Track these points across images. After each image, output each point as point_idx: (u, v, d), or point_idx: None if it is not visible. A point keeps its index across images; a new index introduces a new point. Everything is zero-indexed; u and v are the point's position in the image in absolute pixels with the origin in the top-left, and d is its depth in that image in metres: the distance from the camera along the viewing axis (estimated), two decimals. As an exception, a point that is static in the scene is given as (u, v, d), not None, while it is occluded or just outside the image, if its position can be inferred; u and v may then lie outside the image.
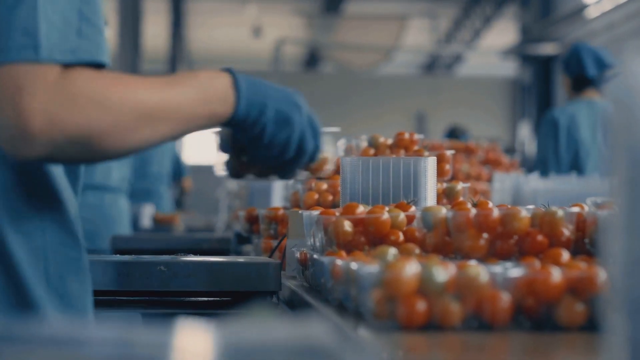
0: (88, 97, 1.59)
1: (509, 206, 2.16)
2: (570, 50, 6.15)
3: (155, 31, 15.93)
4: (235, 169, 1.92)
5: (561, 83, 6.29)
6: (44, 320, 1.71)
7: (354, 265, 1.78)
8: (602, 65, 5.96)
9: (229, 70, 1.79)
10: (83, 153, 1.63)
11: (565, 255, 1.88)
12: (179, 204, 9.24)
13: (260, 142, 1.82)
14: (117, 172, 6.00)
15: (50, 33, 1.61)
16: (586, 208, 2.10)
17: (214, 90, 1.75)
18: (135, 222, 7.35)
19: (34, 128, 1.56)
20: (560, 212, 2.02)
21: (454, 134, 12.43)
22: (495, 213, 2.01)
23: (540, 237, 2.00)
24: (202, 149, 18.26)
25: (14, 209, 1.70)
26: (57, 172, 1.77)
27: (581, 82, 6.03)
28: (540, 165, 5.96)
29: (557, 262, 1.83)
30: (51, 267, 1.74)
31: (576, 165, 5.90)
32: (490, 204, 2.12)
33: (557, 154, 5.97)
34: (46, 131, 1.56)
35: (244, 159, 1.89)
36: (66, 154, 1.63)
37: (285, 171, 1.90)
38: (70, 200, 1.79)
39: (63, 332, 0.99)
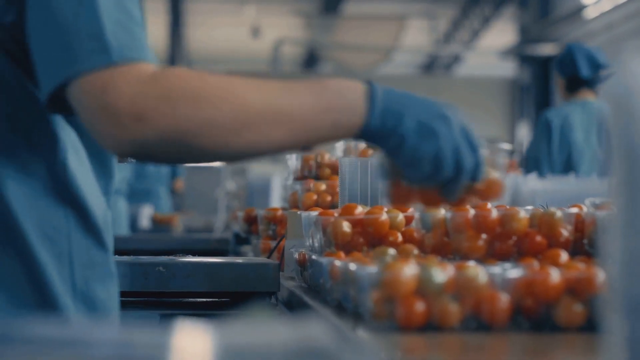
0: (181, 93, 1.53)
1: (508, 207, 2.16)
2: (564, 50, 6.16)
3: (154, 31, 15.93)
4: (396, 196, 1.76)
5: (555, 84, 6.29)
6: (41, 320, 1.71)
7: (352, 266, 1.78)
8: (596, 65, 5.96)
9: (368, 82, 1.66)
10: (179, 152, 1.56)
11: (564, 255, 1.88)
12: (177, 204, 9.24)
13: (403, 156, 1.66)
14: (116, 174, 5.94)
15: (117, 32, 1.57)
16: (585, 209, 2.10)
17: (340, 99, 1.62)
18: (133, 223, 7.34)
19: (125, 128, 1.51)
20: (558, 213, 2.02)
21: None
22: (494, 214, 2.01)
23: (539, 238, 2.01)
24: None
25: (40, 214, 1.70)
26: (85, 177, 1.76)
27: (575, 83, 6.03)
28: (532, 165, 5.96)
29: (555, 263, 1.83)
30: (76, 272, 1.73)
31: (569, 167, 5.90)
32: (489, 205, 2.12)
33: (550, 156, 5.97)
34: (137, 129, 1.51)
35: (403, 184, 1.72)
36: (161, 152, 1.57)
37: (447, 193, 1.70)
38: (97, 206, 1.77)
39: (62, 333, 0.99)
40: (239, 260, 2.66)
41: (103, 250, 1.78)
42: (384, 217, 2.17)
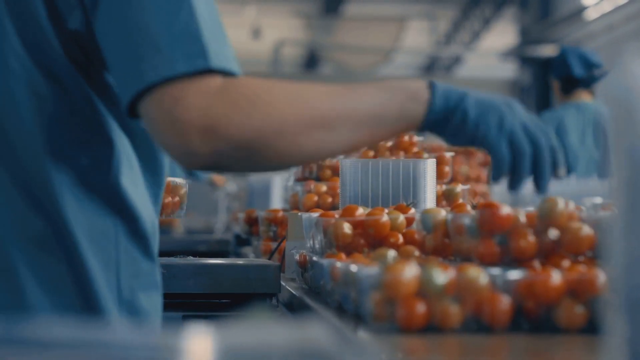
0: (250, 101, 1.54)
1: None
2: (558, 53, 6.18)
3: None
4: (486, 255, 1.81)
5: (551, 86, 6.30)
6: (41, 322, 1.71)
7: (353, 268, 1.78)
8: (588, 65, 5.97)
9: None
10: (252, 160, 1.57)
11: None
12: None
13: (468, 131, 1.68)
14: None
15: (211, 39, 1.59)
16: (585, 209, 2.09)
17: (403, 91, 1.65)
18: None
19: (196, 141, 1.52)
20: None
21: None
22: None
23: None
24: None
25: (90, 220, 1.70)
26: (136, 186, 1.76)
27: (570, 84, 6.04)
28: None
29: (556, 265, 1.83)
30: (122, 280, 1.73)
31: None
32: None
33: None
34: (211, 142, 1.53)
35: (493, 242, 1.81)
36: (235, 162, 1.59)
37: (540, 178, 1.75)
38: (147, 215, 1.77)
39: (61, 335, 0.99)
40: (240, 261, 2.66)
41: (150, 259, 1.79)
42: (385, 218, 2.17)
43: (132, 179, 1.74)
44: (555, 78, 6.11)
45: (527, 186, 1.79)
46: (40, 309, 1.68)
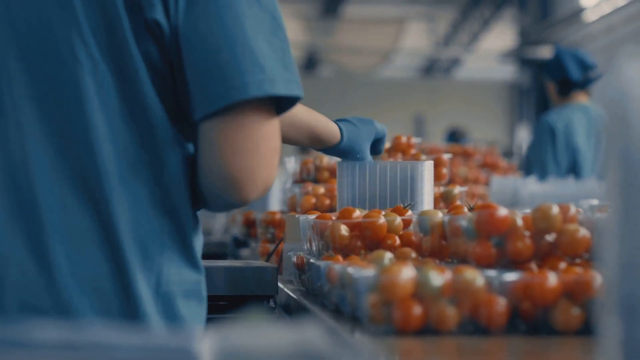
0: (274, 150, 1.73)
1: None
2: (553, 55, 6.18)
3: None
4: (481, 256, 1.90)
5: (546, 89, 6.30)
6: (43, 324, 1.71)
7: (350, 270, 1.78)
8: (584, 66, 5.97)
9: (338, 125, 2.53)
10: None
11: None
12: None
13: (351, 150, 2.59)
14: None
15: (294, 67, 1.74)
16: (582, 211, 2.10)
17: (331, 125, 2.52)
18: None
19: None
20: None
21: (454, 136, 12.44)
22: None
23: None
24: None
25: (136, 219, 1.71)
26: (185, 195, 1.77)
27: (566, 86, 6.04)
28: (536, 168, 5.96)
29: (553, 266, 1.83)
30: (163, 285, 1.74)
31: (573, 171, 5.91)
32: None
33: (555, 159, 5.98)
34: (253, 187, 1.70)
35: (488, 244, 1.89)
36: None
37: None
38: (192, 226, 1.79)
39: (60, 336, 0.99)
40: (237, 263, 2.66)
41: (193, 268, 1.80)
42: (382, 220, 2.17)
43: (183, 188, 1.76)
44: (550, 80, 6.11)
45: (524, 189, 1.79)
46: (80, 311, 1.68)
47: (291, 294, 2.37)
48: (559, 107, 6.13)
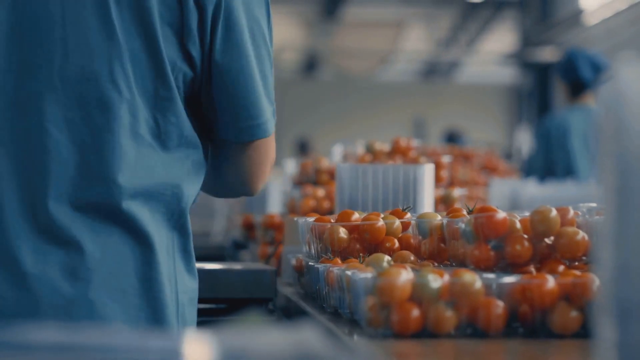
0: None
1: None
2: (565, 56, 6.17)
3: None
4: (479, 259, 1.96)
5: (559, 89, 6.31)
6: (44, 326, 1.74)
7: (348, 272, 1.79)
8: (597, 68, 5.98)
9: None
10: None
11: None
12: None
13: None
14: None
15: (273, 101, 1.99)
16: (580, 214, 2.10)
17: None
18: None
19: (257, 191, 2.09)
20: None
21: (452, 137, 12.46)
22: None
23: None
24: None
25: (158, 231, 1.84)
26: (190, 206, 1.92)
27: (578, 87, 6.05)
28: (534, 172, 5.98)
29: (551, 269, 1.83)
30: (179, 293, 1.87)
31: (569, 173, 5.92)
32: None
33: (550, 164, 5.99)
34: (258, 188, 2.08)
35: (486, 247, 1.94)
36: None
37: None
38: (191, 234, 1.94)
39: (60, 339, 0.99)
40: (237, 266, 2.66)
41: (194, 277, 1.94)
42: (381, 223, 2.17)
43: (191, 200, 1.92)
44: (564, 82, 6.12)
45: (524, 192, 1.79)
46: (110, 317, 1.77)
47: (290, 296, 2.37)
48: (566, 108, 6.15)
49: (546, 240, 1.83)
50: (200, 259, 3.09)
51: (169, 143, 1.83)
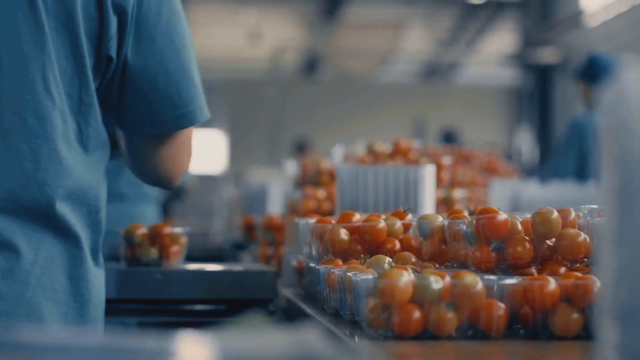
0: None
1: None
2: (588, 59, 6.21)
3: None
4: (480, 261, 1.97)
5: (579, 92, 6.32)
6: (45, 328, 1.79)
7: (349, 274, 1.78)
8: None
9: None
10: None
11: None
12: (168, 209, 9.22)
13: None
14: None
15: (202, 92, 2.02)
16: (581, 215, 2.10)
17: None
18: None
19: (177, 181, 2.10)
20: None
21: (449, 137, 12.48)
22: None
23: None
24: (199, 157, 18.26)
25: (85, 230, 1.92)
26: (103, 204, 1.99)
27: (597, 90, 6.08)
28: (566, 172, 5.98)
29: (553, 271, 1.83)
30: (99, 288, 1.97)
31: (582, 173, 5.96)
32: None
33: (583, 162, 6.02)
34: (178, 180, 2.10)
35: (487, 249, 1.94)
36: None
37: None
38: (103, 230, 1.99)
39: (60, 340, 0.99)
40: (237, 267, 2.66)
41: (103, 271, 2.00)
42: (382, 224, 2.17)
43: (104, 193, 1.98)
44: (586, 83, 6.14)
45: (524, 193, 1.79)
46: (46, 316, 1.84)
47: (291, 298, 2.37)
48: (584, 110, 6.19)
49: (547, 241, 1.83)
50: (199, 260, 3.10)
51: (89, 146, 1.90)
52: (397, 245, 2.16)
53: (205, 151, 18.86)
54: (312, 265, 2.19)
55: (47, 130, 1.83)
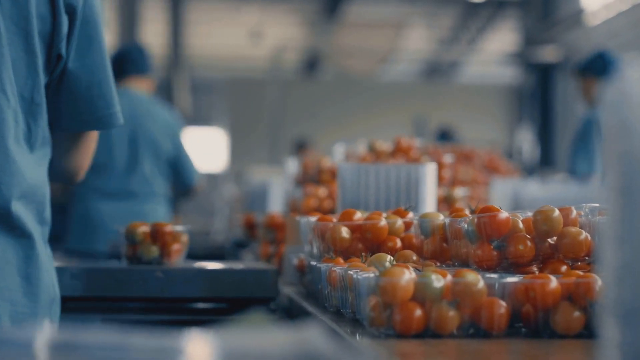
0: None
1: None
2: (596, 54, 6.20)
3: (154, 37, 15.95)
4: (482, 259, 1.97)
5: (580, 88, 6.31)
6: (45, 326, 1.80)
7: (351, 272, 1.78)
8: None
9: None
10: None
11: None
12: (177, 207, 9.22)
13: None
14: (160, 179, 5.54)
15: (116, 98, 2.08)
16: (583, 214, 2.09)
17: None
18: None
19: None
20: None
21: (445, 135, 12.49)
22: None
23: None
24: (200, 156, 18.26)
25: (38, 222, 1.97)
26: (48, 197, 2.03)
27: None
28: (581, 165, 5.98)
29: (554, 269, 1.83)
30: (54, 283, 2.00)
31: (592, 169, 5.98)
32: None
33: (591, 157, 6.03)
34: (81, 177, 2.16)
35: (489, 248, 1.94)
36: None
37: None
38: (49, 223, 2.03)
39: (60, 339, 0.99)
40: (238, 266, 2.65)
41: (52, 263, 2.03)
42: (383, 222, 2.17)
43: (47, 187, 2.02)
44: (594, 77, 6.14)
45: (525, 191, 1.80)
46: (1, 315, 1.87)
47: (292, 296, 2.37)
48: (592, 106, 6.20)
49: (549, 240, 1.83)
50: (200, 258, 3.09)
51: (35, 145, 1.94)
52: (399, 243, 2.16)
53: (207, 150, 18.86)
54: (313, 263, 2.19)
55: (2, 131, 1.87)
